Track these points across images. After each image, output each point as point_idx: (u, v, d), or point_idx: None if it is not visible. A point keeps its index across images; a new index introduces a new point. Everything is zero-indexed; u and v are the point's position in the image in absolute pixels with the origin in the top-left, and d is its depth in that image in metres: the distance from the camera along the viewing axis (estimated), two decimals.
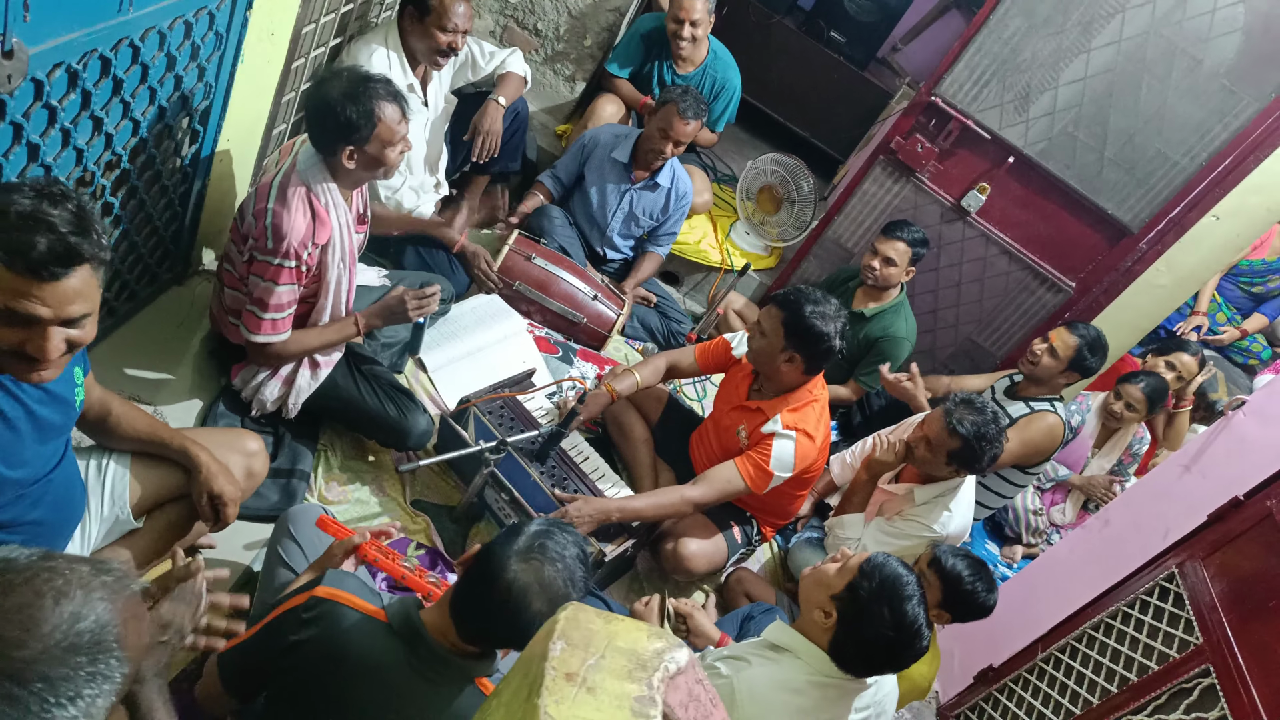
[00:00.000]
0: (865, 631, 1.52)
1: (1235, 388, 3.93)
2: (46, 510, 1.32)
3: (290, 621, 1.36)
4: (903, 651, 1.52)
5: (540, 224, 3.12)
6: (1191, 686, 1.90)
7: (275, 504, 2.09)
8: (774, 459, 2.25)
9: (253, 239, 1.88)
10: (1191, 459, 2.43)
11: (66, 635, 0.74)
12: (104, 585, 0.79)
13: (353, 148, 1.86)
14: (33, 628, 0.73)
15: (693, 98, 2.95)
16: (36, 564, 0.77)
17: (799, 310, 2.17)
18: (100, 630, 0.77)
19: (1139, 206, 3.12)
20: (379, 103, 1.83)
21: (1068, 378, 2.87)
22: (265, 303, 1.92)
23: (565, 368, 2.93)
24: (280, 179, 1.87)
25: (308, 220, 1.88)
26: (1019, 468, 2.93)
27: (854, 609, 1.53)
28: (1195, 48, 2.87)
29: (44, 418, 1.25)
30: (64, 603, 0.76)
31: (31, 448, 1.25)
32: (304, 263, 1.91)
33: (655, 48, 3.46)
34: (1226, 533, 2.05)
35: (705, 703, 1.02)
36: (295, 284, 1.94)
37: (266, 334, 1.96)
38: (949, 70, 3.15)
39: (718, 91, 3.57)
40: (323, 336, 2.07)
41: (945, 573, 2.05)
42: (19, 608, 0.74)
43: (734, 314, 3.49)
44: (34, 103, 1.43)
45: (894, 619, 1.50)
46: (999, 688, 2.54)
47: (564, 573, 1.30)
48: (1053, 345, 2.85)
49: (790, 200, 3.70)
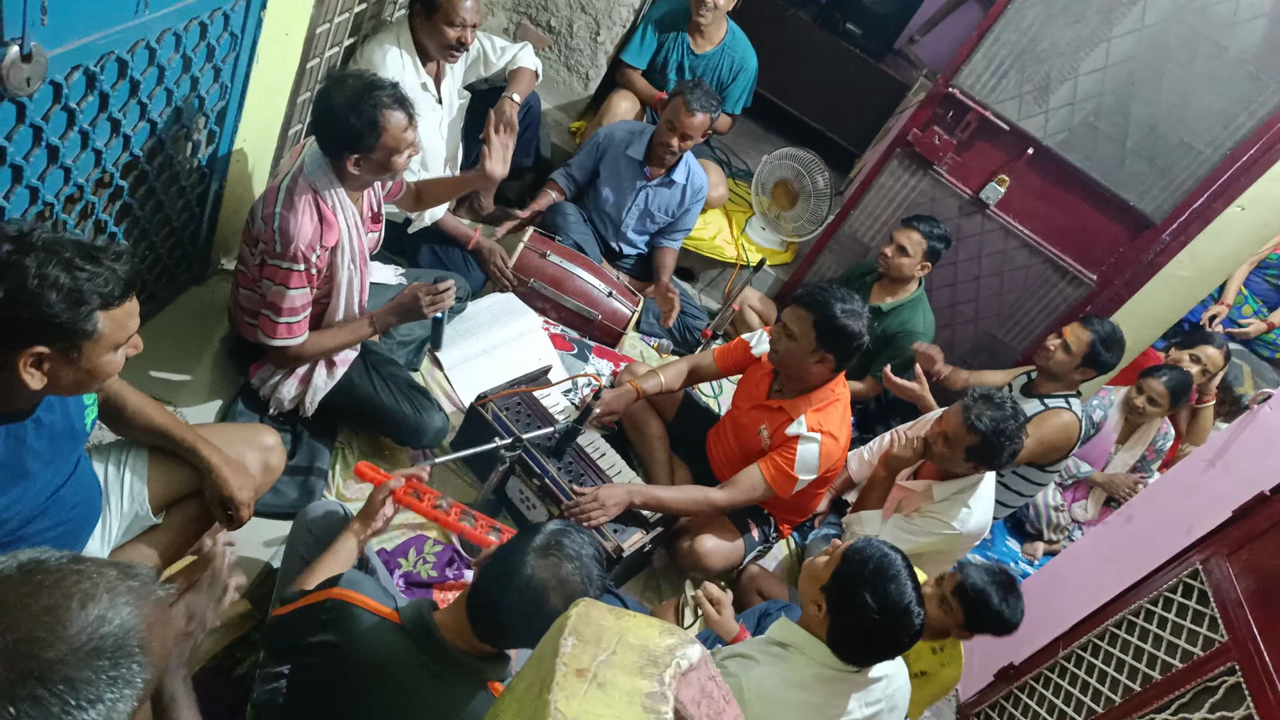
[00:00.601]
0: (853, 618, 1.52)
1: (1261, 381, 3.86)
2: (56, 516, 1.34)
3: (309, 622, 1.39)
4: (894, 633, 1.51)
5: (555, 221, 3.12)
6: (1217, 685, 1.87)
7: (294, 501, 2.11)
8: (799, 462, 2.23)
9: (262, 242, 1.89)
10: (1216, 454, 2.39)
11: (91, 638, 0.75)
12: (130, 590, 0.80)
13: (358, 155, 1.86)
14: (59, 629, 0.74)
15: (702, 91, 2.92)
16: (66, 566, 0.78)
17: (830, 311, 2.14)
18: (124, 635, 0.77)
19: (1161, 197, 3.07)
20: (384, 111, 1.82)
21: (1083, 373, 2.82)
22: (279, 307, 1.94)
23: (581, 365, 2.93)
24: (288, 182, 1.88)
25: (315, 224, 1.89)
26: (1037, 466, 2.90)
27: (840, 597, 1.53)
28: (1219, 34, 2.81)
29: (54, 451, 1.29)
30: (90, 606, 0.76)
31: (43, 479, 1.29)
32: (313, 265, 1.92)
33: (669, 33, 3.46)
34: (1252, 528, 2.02)
35: (718, 699, 1.02)
36: (307, 287, 1.95)
37: (283, 338, 1.98)
38: (966, 61, 3.11)
39: (736, 72, 3.55)
40: (338, 337, 2.08)
41: (969, 599, 1.99)
42: (47, 609, 0.74)
43: (749, 310, 3.47)
44: (53, 105, 1.45)
45: (878, 602, 1.49)
46: (1020, 685, 2.51)
47: (581, 570, 1.31)
48: (1066, 341, 2.81)
49: (806, 195, 3.67)
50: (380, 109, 1.81)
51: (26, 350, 1.10)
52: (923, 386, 2.88)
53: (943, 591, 2.05)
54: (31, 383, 1.12)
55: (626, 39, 3.54)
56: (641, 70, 3.51)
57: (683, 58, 3.48)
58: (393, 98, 1.85)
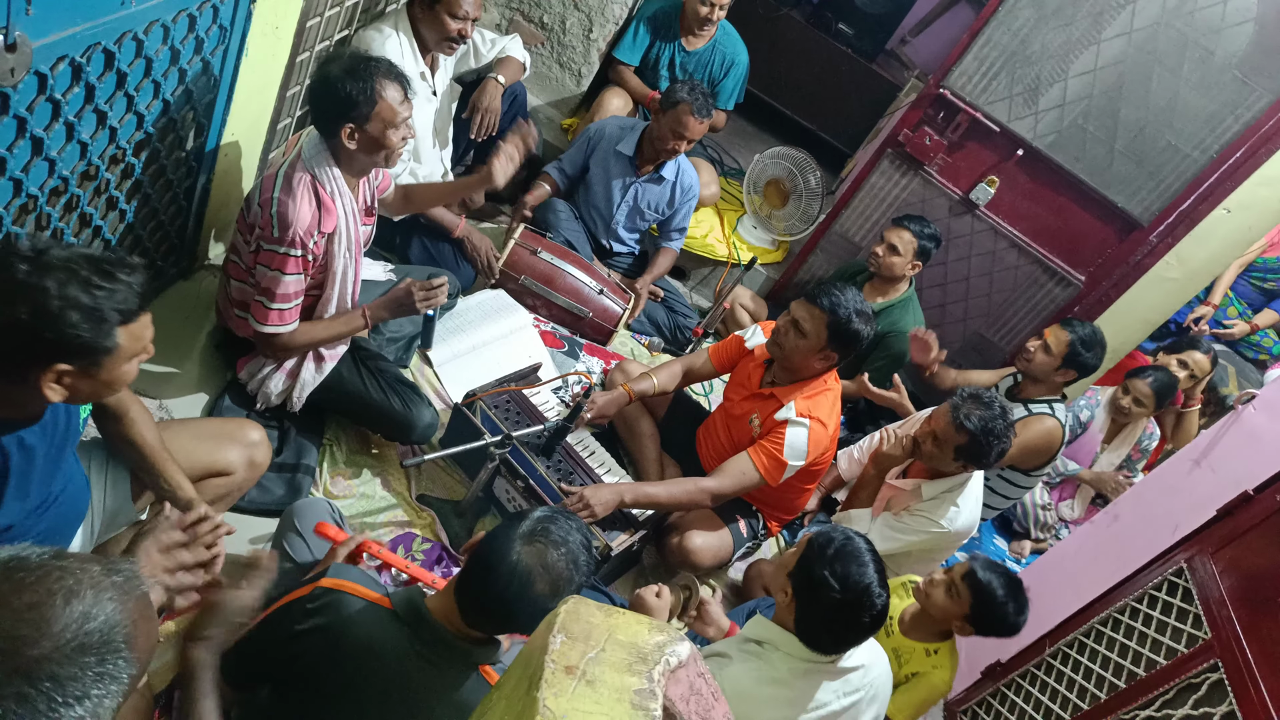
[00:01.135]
0: (816, 600, 1.54)
1: (1246, 382, 3.90)
2: (51, 516, 1.33)
3: (295, 612, 1.37)
4: (856, 611, 1.52)
5: (546, 218, 3.12)
6: (1200, 681, 1.89)
7: (280, 498, 2.10)
8: (787, 446, 2.24)
9: (259, 228, 1.88)
10: (1201, 453, 2.41)
11: (76, 635, 0.74)
12: (115, 585, 0.79)
13: (353, 126, 1.84)
14: (44, 626, 0.73)
15: (701, 94, 2.93)
16: (49, 563, 0.77)
17: (846, 313, 2.17)
18: (110, 630, 0.77)
19: (1149, 199, 3.09)
20: (380, 79, 1.81)
21: (1065, 375, 2.83)
22: (273, 292, 1.92)
23: (571, 362, 2.93)
24: (286, 168, 1.87)
25: (313, 209, 1.88)
26: (1020, 470, 2.91)
27: (804, 580, 1.56)
28: (1207, 38, 2.83)
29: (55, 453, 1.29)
30: (75, 602, 0.75)
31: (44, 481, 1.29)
32: (310, 251, 1.90)
33: (662, 30, 3.46)
34: (1236, 527, 2.03)
35: (707, 696, 1.02)
36: (302, 274, 1.93)
37: (274, 324, 1.96)
38: (958, 62, 3.12)
39: (728, 68, 3.55)
40: (330, 329, 2.07)
41: (979, 586, 2.01)
42: (30, 606, 0.74)
43: (741, 308, 3.47)
44: (38, 96, 1.44)
45: (839, 579, 1.51)
46: (1006, 683, 2.53)
47: (567, 556, 1.31)
48: (1046, 342, 2.82)
49: (797, 194, 3.68)
50: (377, 76, 1.81)
51: (50, 368, 1.12)
52: (901, 395, 2.89)
53: (952, 578, 2.06)
54: (53, 397, 1.15)
55: (619, 36, 3.53)
56: (634, 67, 3.51)
57: (675, 54, 3.48)
58: (390, 71, 1.84)
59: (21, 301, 1.08)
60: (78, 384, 1.16)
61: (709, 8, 3.29)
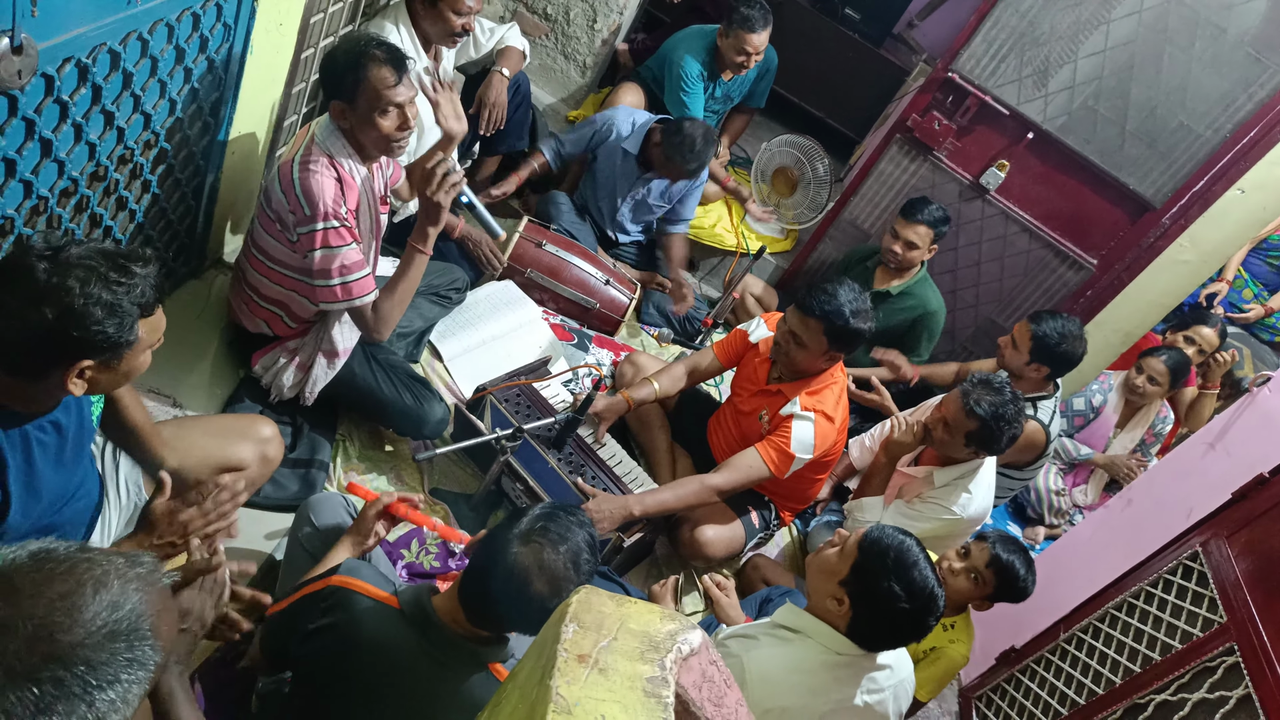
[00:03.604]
0: (881, 610, 1.52)
1: (1262, 364, 3.86)
2: (68, 512, 1.35)
3: (309, 609, 1.39)
4: (923, 618, 1.52)
5: (548, 211, 3.11)
6: (1215, 665, 1.88)
7: (295, 493, 2.11)
8: (794, 440, 2.24)
9: (291, 213, 1.89)
10: (1216, 436, 2.40)
11: (107, 622, 0.77)
12: (138, 576, 0.82)
13: (343, 105, 1.85)
14: (75, 614, 0.76)
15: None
16: (75, 555, 0.80)
17: (842, 318, 2.15)
18: (136, 619, 0.79)
19: (1161, 181, 3.06)
20: (370, 57, 1.81)
21: (1037, 369, 2.69)
22: (334, 270, 1.90)
23: (581, 355, 2.93)
24: (301, 154, 1.90)
25: (335, 182, 1.89)
26: (1014, 467, 2.85)
27: (864, 590, 1.53)
28: (1219, 16, 2.79)
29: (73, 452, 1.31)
30: (103, 591, 0.78)
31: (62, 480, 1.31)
32: (345, 220, 1.89)
33: (708, 77, 3.43)
34: (1251, 510, 2.02)
35: (719, 683, 1.02)
36: (353, 242, 1.91)
37: (361, 295, 1.94)
38: (966, 45, 3.09)
39: (762, 72, 3.61)
40: (404, 281, 1.98)
41: (1004, 569, 2.07)
42: (62, 595, 0.76)
43: (750, 298, 3.46)
44: (45, 98, 1.44)
45: (906, 590, 1.50)
46: (1021, 668, 2.52)
47: (566, 555, 1.30)
48: (1013, 336, 2.74)
49: (806, 182, 3.66)
50: (368, 54, 1.80)
51: (75, 365, 1.15)
52: (883, 396, 2.87)
53: (973, 564, 2.10)
54: (75, 391, 1.17)
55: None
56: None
57: (716, 89, 3.51)
58: (387, 53, 1.83)
59: (46, 302, 1.10)
60: (98, 377, 1.19)
61: (745, 58, 3.28)
